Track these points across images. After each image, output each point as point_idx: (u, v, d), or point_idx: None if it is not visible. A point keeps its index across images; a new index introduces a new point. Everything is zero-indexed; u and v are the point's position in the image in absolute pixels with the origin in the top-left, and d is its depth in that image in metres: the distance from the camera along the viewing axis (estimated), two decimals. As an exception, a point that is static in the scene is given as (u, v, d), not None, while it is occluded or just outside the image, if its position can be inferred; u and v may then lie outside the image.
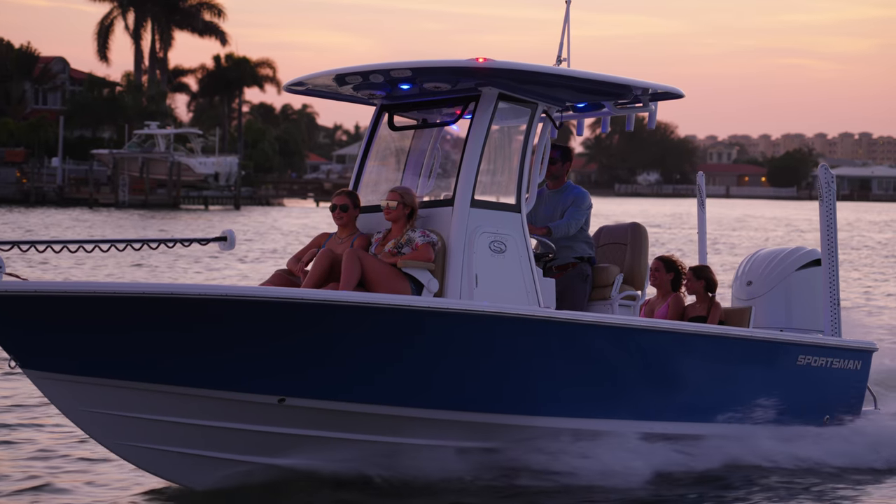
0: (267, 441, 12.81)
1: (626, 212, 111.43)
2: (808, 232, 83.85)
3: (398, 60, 13.55)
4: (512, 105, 13.96)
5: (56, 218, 79.17)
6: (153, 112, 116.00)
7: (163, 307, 11.89)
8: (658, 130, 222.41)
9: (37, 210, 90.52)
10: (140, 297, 11.85)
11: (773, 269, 16.29)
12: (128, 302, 11.82)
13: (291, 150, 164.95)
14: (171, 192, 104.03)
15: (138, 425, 12.46)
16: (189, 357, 12.20)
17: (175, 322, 12.00)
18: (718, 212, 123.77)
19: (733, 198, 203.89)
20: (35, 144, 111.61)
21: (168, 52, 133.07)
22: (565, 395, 13.73)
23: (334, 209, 13.67)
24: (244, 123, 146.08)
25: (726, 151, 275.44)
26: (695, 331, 14.60)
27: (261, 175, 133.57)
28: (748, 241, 70.40)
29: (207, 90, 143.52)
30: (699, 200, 17.55)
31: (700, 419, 14.63)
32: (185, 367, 12.22)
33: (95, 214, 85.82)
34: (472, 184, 13.50)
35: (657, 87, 14.54)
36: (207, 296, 12.00)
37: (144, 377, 12.22)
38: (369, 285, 13.11)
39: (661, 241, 64.67)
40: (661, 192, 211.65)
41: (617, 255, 15.41)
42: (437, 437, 13.32)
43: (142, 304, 11.85)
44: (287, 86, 14.49)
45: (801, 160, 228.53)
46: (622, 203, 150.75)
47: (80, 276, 37.33)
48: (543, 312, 13.51)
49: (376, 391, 12.83)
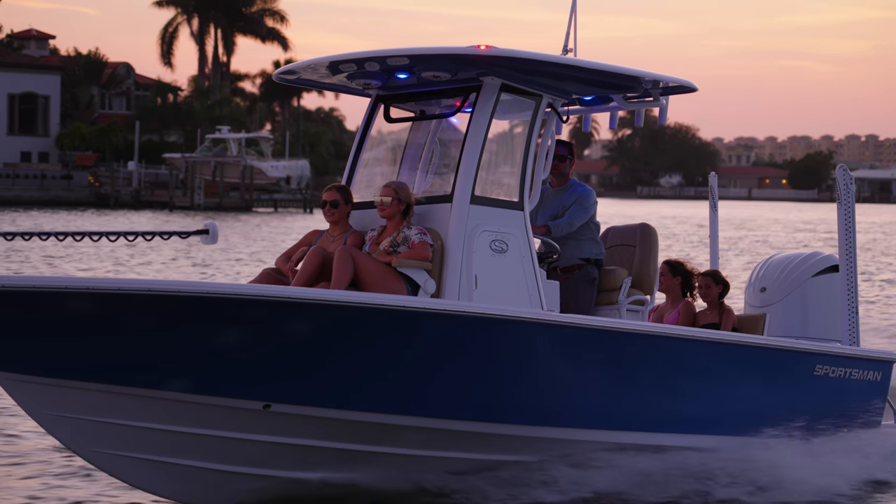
0: (251, 450, 11.83)
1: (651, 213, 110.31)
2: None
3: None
4: (515, 97, 12.81)
5: (139, 220, 78.01)
6: (219, 117, 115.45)
7: (137, 304, 10.78)
8: (679, 132, 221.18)
9: (116, 213, 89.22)
10: (110, 294, 10.71)
11: (788, 274, 15.27)
12: (97, 298, 10.70)
13: (345, 153, 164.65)
14: (244, 196, 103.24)
15: (109, 431, 11.32)
16: (164, 358, 11.04)
17: (149, 321, 10.87)
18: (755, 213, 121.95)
19: (755, 200, 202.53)
20: (105, 149, 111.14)
21: (231, 58, 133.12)
22: (569, 405, 12.58)
23: (324, 205, 12.66)
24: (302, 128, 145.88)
25: (745, 154, 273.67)
26: (707, 338, 13.49)
27: (318, 178, 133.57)
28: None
29: (268, 95, 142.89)
30: (711, 202, 16.38)
31: (711, 431, 13.51)
32: (159, 369, 11.07)
33: (176, 217, 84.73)
34: (472, 179, 12.42)
35: (669, 80, 13.39)
36: (185, 293, 10.86)
37: (114, 379, 11.09)
38: (362, 285, 12.13)
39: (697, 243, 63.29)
40: (682, 194, 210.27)
41: (625, 258, 14.32)
42: (431, 448, 12.40)
43: (112, 301, 10.72)
44: (278, 74, 13.46)
45: (821, 162, 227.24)
46: (645, 205, 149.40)
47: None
48: (546, 316, 12.47)
49: (367, 397, 11.70)
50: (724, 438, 13.57)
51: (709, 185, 16.43)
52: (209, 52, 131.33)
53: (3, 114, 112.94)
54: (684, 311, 14.26)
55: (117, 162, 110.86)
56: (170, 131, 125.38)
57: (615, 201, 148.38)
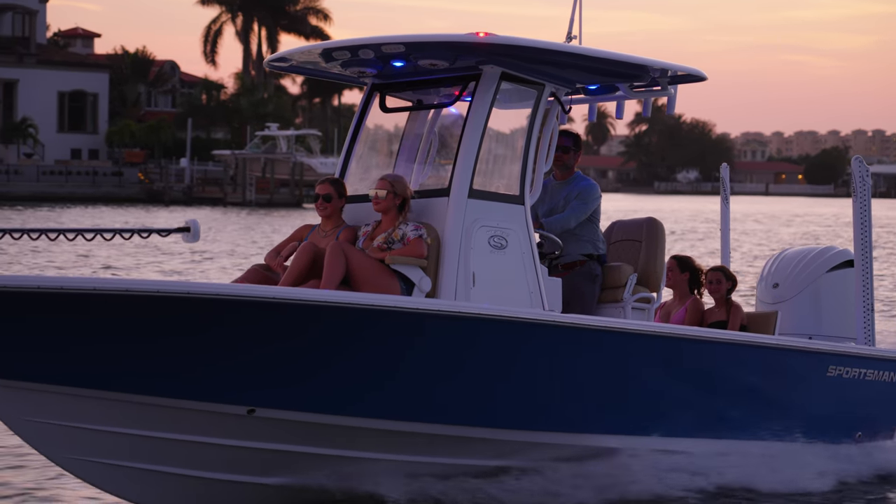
0: (235, 456, 10.74)
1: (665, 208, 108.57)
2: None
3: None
4: (516, 86, 11.78)
5: (195, 215, 76.54)
6: (265, 114, 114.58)
7: (112, 305, 9.81)
8: (696, 128, 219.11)
9: (171, 209, 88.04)
10: (87, 294, 9.76)
11: (801, 270, 14.04)
12: (73, 299, 9.76)
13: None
14: (294, 192, 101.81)
15: (84, 437, 10.33)
16: (142, 361, 10.06)
17: (126, 322, 9.92)
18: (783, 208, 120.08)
19: (772, 195, 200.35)
20: (154, 145, 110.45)
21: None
22: (570, 409, 11.55)
23: (317, 199, 11.59)
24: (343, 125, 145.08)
25: (759, 150, 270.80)
26: (715, 338, 12.39)
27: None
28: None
29: (311, 92, 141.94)
30: (723, 195, 15.06)
31: (718, 435, 12.44)
32: (136, 372, 10.11)
33: (230, 213, 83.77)
34: (470, 172, 11.37)
35: (677, 69, 12.28)
36: (164, 293, 9.91)
37: (91, 383, 10.09)
38: (354, 283, 11.04)
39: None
40: (700, 189, 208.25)
41: (631, 253, 13.16)
42: (424, 454, 11.27)
43: (89, 301, 9.77)
44: (269, 62, 12.34)
45: (837, 157, 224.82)
46: (664, 200, 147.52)
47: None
48: (547, 316, 11.39)
49: (357, 402, 10.69)
50: (731, 443, 12.46)
51: (720, 177, 15.09)
52: (253, 50, 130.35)
53: (54, 111, 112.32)
54: (692, 309, 13.11)
55: (166, 159, 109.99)
56: (216, 128, 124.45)
57: (632, 196, 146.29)
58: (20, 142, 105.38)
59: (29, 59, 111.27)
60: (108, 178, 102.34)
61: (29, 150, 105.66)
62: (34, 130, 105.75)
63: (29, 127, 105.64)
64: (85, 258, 38.18)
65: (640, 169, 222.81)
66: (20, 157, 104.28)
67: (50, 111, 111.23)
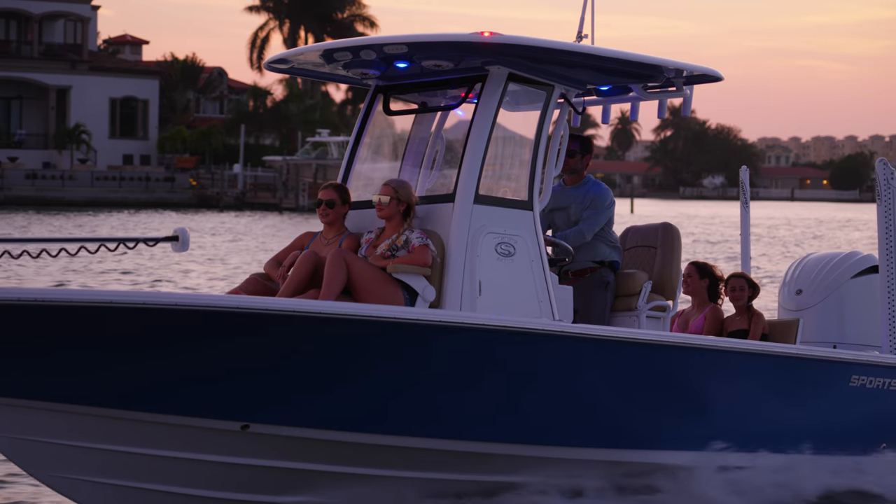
0: (229, 474, 9.97)
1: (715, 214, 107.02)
2: None
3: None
4: (524, 87, 11.03)
5: (256, 221, 76.22)
6: (313, 120, 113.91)
7: (98, 317, 9.11)
8: (722, 133, 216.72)
9: (226, 214, 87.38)
10: (71, 307, 9.08)
11: (824, 276, 13.13)
12: (56, 312, 9.06)
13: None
14: None
15: (71, 455, 9.63)
16: (130, 376, 9.38)
17: (114, 335, 9.22)
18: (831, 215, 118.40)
19: (798, 200, 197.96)
20: (204, 152, 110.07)
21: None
22: (582, 423, 10.81)
23: (319, 205, 10.81)
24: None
25: (783, 155, 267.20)
26: (732, 348, 11.53)
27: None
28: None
29: (356, 98, 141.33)
30: (742, 199, 14.09)
31: (736, 449, 11.59)
32: (125, 387, 9.41)
33: (286, 218, 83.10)
34: (475, 177, 10.60)
35: (693, 69, 11.46)
36: (149, 305, 9.20)
37: (79, 399, 9.41)
38: (356, 293, 10.27)
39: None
40: (726, 194, 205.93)
41: (646, 260, 12.33)
42: (429, 470, 10.46)
43: (73, 314, 9.08)
44: (268, 63, 11.55)
45: (861, 162, 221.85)
46: (691, 206, 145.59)
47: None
48: (557, 326, 10.59)
49: (354, 417, 9.97)
50: (750, 456, 11.55)
51: (740, 180, 14.11)
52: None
53: (106, 118, 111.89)
54: (711, 317, 12.24)
55: (216, 165, 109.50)
56: (264, 134, 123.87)
57: (657, 202, 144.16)
58: (73, 148, 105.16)
59: (81, 66, 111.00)
60: (161, 184, 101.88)
61: (83, 155, 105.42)
62: (88, 136, 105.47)
63: (83, 133, 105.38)
64: (114, 271, 35.66)
65: (665, 174, 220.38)
66: (73, 162, 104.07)
67: (102, 117, 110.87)
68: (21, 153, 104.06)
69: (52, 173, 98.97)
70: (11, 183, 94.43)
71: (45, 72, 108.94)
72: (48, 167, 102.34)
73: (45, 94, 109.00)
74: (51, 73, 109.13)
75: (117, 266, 35.85)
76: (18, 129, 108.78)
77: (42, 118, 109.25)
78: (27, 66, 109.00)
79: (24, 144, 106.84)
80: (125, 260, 37.12)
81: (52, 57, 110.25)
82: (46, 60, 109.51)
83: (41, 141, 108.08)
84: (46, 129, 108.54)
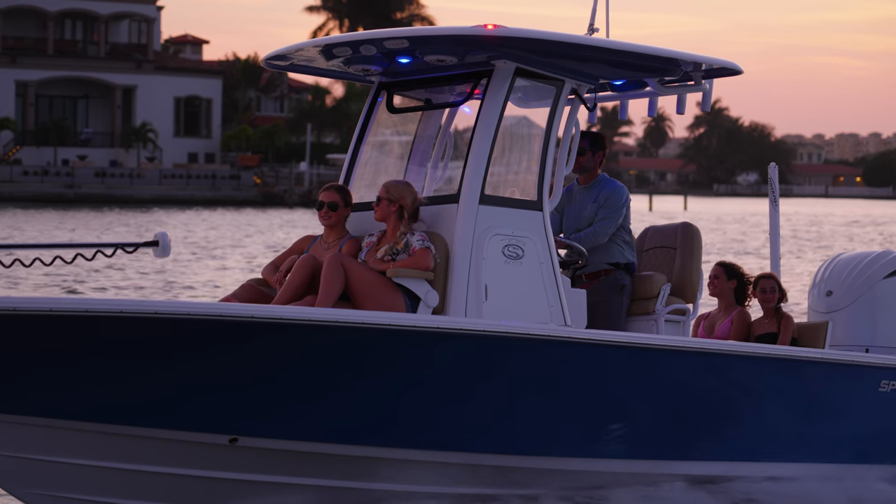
0: (216, 489, 9.35)
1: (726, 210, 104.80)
2: None
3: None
4: (533, 82, 10.38)
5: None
6: None
7: (77, 326, 8.56)
8: (755, 130, 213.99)
9: (293, 212, 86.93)
10: (44, 316, 8.51)
11: (856, 276, 12.30)
12: (27, 321, 8.50)
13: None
14: None
15: (54, 471, 9.07)
16: (109, 388, 8.81)
17: (91, 345, 8.65)
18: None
19: (832, 197, 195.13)
20: (267, 150, 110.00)
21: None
22: (599, 433, 10.17)
23: (321, 207, 10.16)
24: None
25: (816, 152, 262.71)
26: (752, 353, 10.82)
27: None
28: None
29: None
30: (771, 197, 13.21)
31: (762, 458, 10.93)
32: (105, 399, 8.84)
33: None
34: (481, 176, 9.96)
35: (712, 62, 10.73)
36: (128, 313, 8.62)
37: (57, 413, 8.85)
38: (354, 298, 9.65)
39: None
40: (759, 192, 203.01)
41: (665, 261, 11.59)
42: (432, 483, 9.80)
43: (47, 323, 8.52)
44: (267, 60, 10.90)
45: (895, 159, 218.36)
46: (726, 203, 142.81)
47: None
48: (567, 332, 9.90)
49: (352, 429, 9.37)
50: (777, 466, 10.90)
51: (769, 178, 13.25)
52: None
53: (170, 116, 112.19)
54: (738, 321, 11.50)
55: (278, 163, 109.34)
56: (326, 132, 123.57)
57: (691, 199, 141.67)
58: (140, 146, 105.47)
59: (147, 65, 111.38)
60: (227, 182, 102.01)
61: (149, 154, 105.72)
62: (154, 135, 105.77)
63: (149, 132, 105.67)
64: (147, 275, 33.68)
65: (699, 171, 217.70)
66: (140, 161, 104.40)
67: (167, 116, 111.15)
68: (88, 151, 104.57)
69: (120, 171, 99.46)
70: (82, 181, 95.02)
71: (111, 71, 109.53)
72: (115, 165, 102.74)
73: (111, 94, 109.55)
74: (117, 73, 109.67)
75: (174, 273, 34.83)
76: (85, 127, 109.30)
77: (108, 117, 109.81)
78: (93, 65, 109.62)
79: (91, 143, 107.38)
80: (177, 266, 36.27)
81: (118, 57, 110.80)
82: (112, 60, 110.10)
83: (107, 139, 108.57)
84: (112, 127, 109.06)
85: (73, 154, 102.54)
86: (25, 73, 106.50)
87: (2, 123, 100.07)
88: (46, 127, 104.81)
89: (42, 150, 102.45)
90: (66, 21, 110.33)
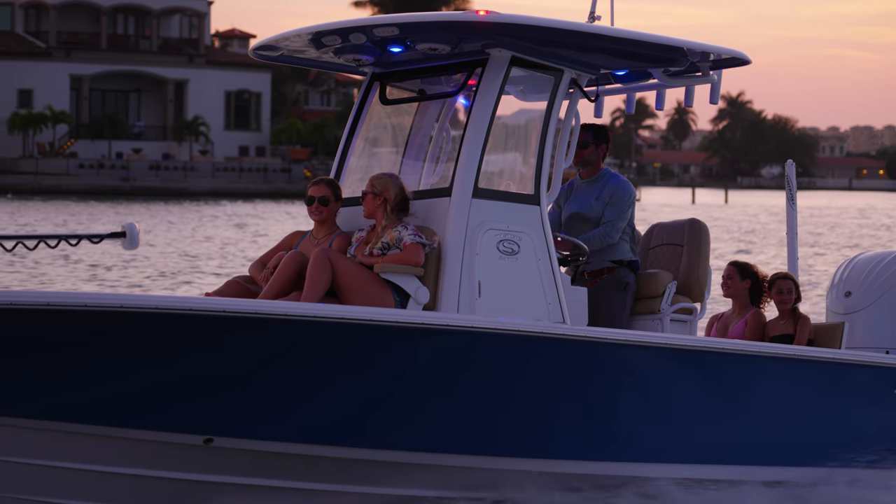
0: (188, 492, 8.94)
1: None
2: None
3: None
4: (530, 72, 9.89)
5: None
6: None
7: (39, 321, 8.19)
8: (779, 122, 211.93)
9: None
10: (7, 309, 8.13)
11: (875, 276, 11.72)
12: None
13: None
14: None
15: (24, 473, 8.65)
16: (83, 386, 8.42)
17: (55, 340, 8.27)
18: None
19: (856, 190, 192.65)
20: (317, 143, 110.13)
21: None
22: (598, 435, 9.71)
23: (311, 202, 9.72)
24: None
25: (838, 145, 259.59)
26: (762, 352, 10.32)
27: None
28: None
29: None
30: (788, 194, 12.57)
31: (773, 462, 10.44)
32: (75, 398, 8.44)
33: None
34: (474, 168, 9.51)
35: (720, 52, 10.19)
36: (94, 307, 8.23)
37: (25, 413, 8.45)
38: (341, 294, 9.24)
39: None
40: (783, 184, 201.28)
41: (672, 259, 11.07)
42: (421, 486, 9.35)
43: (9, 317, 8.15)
44: (254, 50, 10.46)
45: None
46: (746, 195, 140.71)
47: None
48: (560, 329, 9.42)
49: (335, 430, 8.93)
50: (788, 470, 10.48)
51: (785, 175, 12.65)
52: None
53: (221, 110, 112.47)
54: (752, 322, 11.01)
55: (328, 156, 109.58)
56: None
57: (715, 192, 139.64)
58: (192, 139, 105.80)
59: (198, 59, 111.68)
60: (278, 175, 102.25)
61: (201, 147, 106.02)
62: (206, 129, 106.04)
63: (201, 125, 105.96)
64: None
65: (723, 164, 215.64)
66: (192, 154, 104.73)
67: (218, 110, 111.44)
68: (141, 144, 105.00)
69: (174, 164, 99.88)
70: (136, 174, 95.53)
71: (163, 65, 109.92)
72: (167, 158, 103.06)
73: (163, 87, 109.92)
74: (168, 67, 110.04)
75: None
76: (137, 121, 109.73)
77: (160, 110, 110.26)
78: (145, 59, 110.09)
79: (143, 136, 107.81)
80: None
81: (170, 51, 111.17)
82: (164, 54, 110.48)
83: (159, 133, 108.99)
84: (164, 121, 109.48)
85: (127, 147, 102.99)
86: (79, 68, 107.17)
87: (58, 117, 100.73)
88: (100, 120, 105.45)
89: (96, 143, 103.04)
90: (119, 16, 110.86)
